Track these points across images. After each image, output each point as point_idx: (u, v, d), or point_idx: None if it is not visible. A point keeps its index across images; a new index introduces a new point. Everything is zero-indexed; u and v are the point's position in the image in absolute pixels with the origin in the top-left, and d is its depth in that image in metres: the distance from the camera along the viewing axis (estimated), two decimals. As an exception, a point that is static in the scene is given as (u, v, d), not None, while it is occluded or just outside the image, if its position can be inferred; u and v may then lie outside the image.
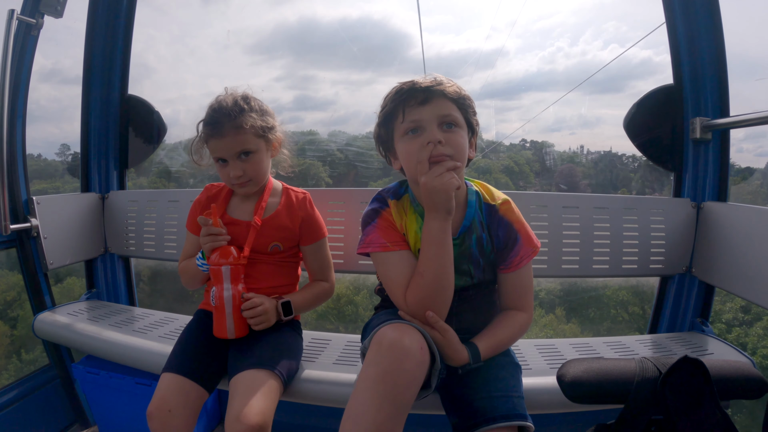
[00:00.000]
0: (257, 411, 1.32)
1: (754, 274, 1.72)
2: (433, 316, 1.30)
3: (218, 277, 1.58)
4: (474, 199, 1.45)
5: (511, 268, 1.43)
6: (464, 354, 1.33)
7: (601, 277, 2.09)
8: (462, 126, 1.38)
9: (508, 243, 1.43)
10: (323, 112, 12.89)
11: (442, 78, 1.39)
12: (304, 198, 1.79)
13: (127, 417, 2.10)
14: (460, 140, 1.35)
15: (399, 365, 1.15)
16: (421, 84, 1.37)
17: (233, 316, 1.56)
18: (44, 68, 2.82)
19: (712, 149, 2.13)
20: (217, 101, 1.65)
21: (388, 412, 1.12)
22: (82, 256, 2.49)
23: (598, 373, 1.05)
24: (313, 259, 1.80)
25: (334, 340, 1.96)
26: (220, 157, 1.63)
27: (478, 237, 1.43)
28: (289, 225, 1.73)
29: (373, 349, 1.19)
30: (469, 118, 1.42)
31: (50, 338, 2.18)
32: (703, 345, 1.87)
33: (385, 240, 1.40)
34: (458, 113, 1.38)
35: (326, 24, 9.29)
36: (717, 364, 1.07)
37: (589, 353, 1.83)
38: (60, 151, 3.57)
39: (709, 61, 2.10)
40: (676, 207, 2.09)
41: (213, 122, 1.60)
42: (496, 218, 1.44)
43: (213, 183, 1.84)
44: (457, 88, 1.39)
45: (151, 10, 2.90)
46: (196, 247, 1.74)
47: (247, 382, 1.41)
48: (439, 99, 1.36)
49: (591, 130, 5.55)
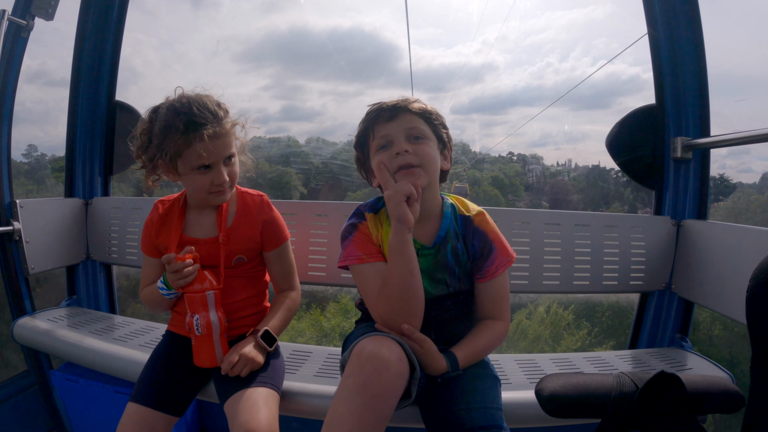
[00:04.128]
0: (266, 423, 1.32)
1: (732, 291, 1.75)
2: (408, 328, 1.32)
3: (199, 305, 1.49)
4: (450, 211, 1.49)
5: (487, 277, 1.45)
6: (443, 363, 1.34)
7: (582, 293, 2.11)
8: (430, 138, 1.45)
9: (483, 252, 1.46)
10: (310, 123, 13.01)
11: (408, 97, 1.48)
12: (261, 201, 1.67)
13: (105, 426, 2.07)
14: (427, 150, 1.42)
15: (378, 376, 1.16)
16: (387, 103, 1.46)
17: (221, 342, 1.51)
18: (30, 69, 2.81)
19: (693, 168, 2.16)
20: (186, 101, 1.48)
21: (368, 422, 1.12)
22: (64, 261, 2.46)
23: (576, 388, 1.06)
24: (277, 265, 1.70)
25: (315, 353, 1.96)
26: (205, 164, 1.48)
27: (453, 247, 1.46)
28: (250, 234, 1.62)
29: (352, 361, 1.20)
30: (437, 131, 1.48)
31: (29, 344, 2.15)
32: (683, 360, 1.90)
33: (361, 252, 1.43)
34: (425, 126, 1.45)
35: (316, 34, 9.41)
36: (694, 379, 1.09)
37: (569, 368, 1.84)
38: (27, 152, 3.54)
39: (690, 81, 2.14)
40: (656, 224, 2.12)
41: (201, 122, 1.44)
42: (471, 228, 1.47)
43: (161, 198, 1.70)
44: (422, 104, 1.47)
45: (140, 14, 2.91)
46: (156, 270, 1.64)
47: (244, 399, 1.38)
48: (404, 114, 1.44)
49: (576, 145, 5.66)
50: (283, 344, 1.84)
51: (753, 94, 40.78)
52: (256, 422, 1.31)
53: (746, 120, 1.79)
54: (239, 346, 1.51)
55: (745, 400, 1.01)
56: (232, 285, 1.62)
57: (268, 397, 1.42)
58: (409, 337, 1.32)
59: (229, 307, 1.59)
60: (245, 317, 1.66)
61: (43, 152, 7.91)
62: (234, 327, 1.61)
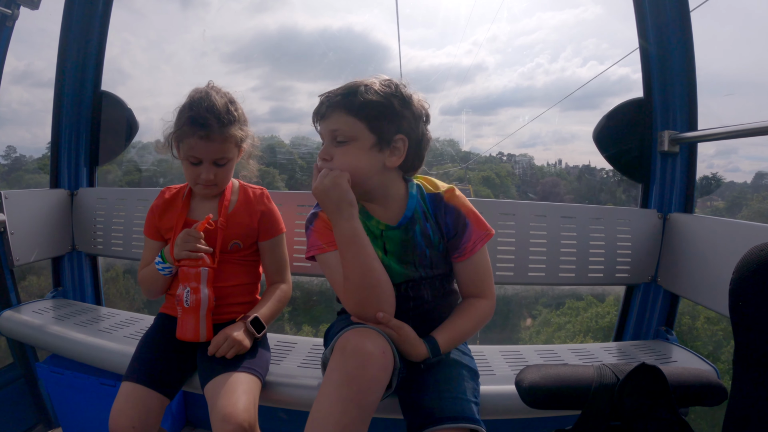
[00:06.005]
0: (243, 408, 1.32)
1: (717, 284, 1.76)
2: (384, 316, 1.30)
3: (192, 279, 1.54)
4: (415, 192, 1.43)
5: (465, 255, 1.40)
6: (423, 349, 1.33)
7: (568, 285, 2.12)
8: (356, 139, 1.34)
9: (458, 229, 1.40)
10: (299, 124, 13.00)
11: (354, 84, 1.35)
12: (261, 194, 1.76)
13: (92, 418, 2.06)
14: (345, 158, 1.34)
15: (362, 370, 1.15)
16: (325, 97, 1.38)
17: (206, 318, 1.55)
18: (17, 70, 2.79)
19: (680, 162, 2.17)
20: (205, 97, 1.58)
21: (353, 416, 1.12)
22: (49, 253, 2.44)
23: (556, 379, 1.06)
24: (271, 257, 1.76)
25: (300, 343, 1.96)
26: (196, 158, 1.58)
27: (422, 228, 1.41)
28: (247, 221, 1.70)
29: (336, 355, 1.20)
30: (377, 127, 1.33)
31: (14, 336, 2.13)
32: (668, 353, 1.91)
33: (321, 242, 1.40)
34: (358, 124, 1.33)
35: (306, 34, 9.36)
36: (676, 371, 1.09)
37: (554, 360, 1.85)
38: (6, 153, 3.50)
39: (678, 74, 2.14)
40: (642, 217, 2.13)
41: (201, 122, 1.53)
42: (441, 205, 1.41)
43: (168, 186, 1.79)
44: (365, 96, 1.32)
45: (128, 14, 2.90)
46: (155, 253, 1.69)
47: (225, 383, 1.40)
48: (334, 113, 1.35)
49: (565, 145, 5.68)
50: (269, 335, 1.83)
51: (743, 92, 41.25)
52: (233, 407, 1.32)
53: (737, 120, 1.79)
54: (228, 329, 1.55)
55: (728, 392, 1.02)
56: (225, 269, 1.66)
57: (249, 384, 1.43)
58: (385, 325, 1.30)
59: (220, 291, 1.63)
60: (236, 304, 1.69)
61: (22, 153, 7.87)
62: (224, 312, 1.65)
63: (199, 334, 1.54)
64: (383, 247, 1.41)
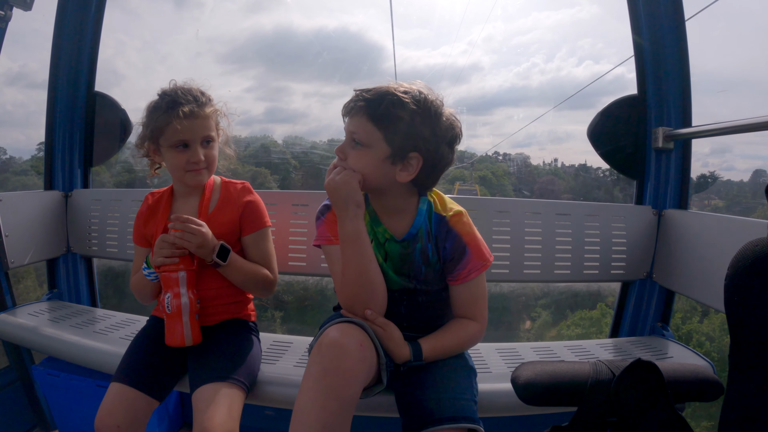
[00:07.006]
0: (220, 424, 1.32)
1: (712, 280, 1.76)
2: (371, 314, 1.33)
3: (172, 283, 1.53)
4: (425, 208, 1.43)
5: (458, 280, 1.42)
6: (406, 350, 1.34)
7: (563, 282, 2.12)
8: (371, 146, 1.33)
9: (455, 255, 1.41)
10: (295, 125, 12.95)
11: (389, 86, 1.33)
12: (243, 187, 1.72)
13: (88, 420, 2.04)
14: (357, 162, 1.35)
15: (338, 363, 1.17)
16: (354, 97, 1.36)
17: (190, 323, 1.54)
18: (11, 71, 2.78)
19: (674, 158, 2.18)
20: (176, 86, 1.61)
21: (333, 409, 1.13)
22: (44, 255, 2.43)
23: (552, 376, 1.06)
24: (255, 251, 1.69)
25: (296, 343, 1.96)
26: (182, 141, 1.56)
27: (422, 247, 1.41)
28: (230, 218, 1.66)
29: (315, 349, 1.22)
30: (393, 139, 1.31)
31: (10, 339, 2.12)
32: (664, 349, 1.91)
33: (329, 234, 1.44)
34: (376, 131, 1.32)
35: (301, 34, 9.32)
36: (672, 367, 1.09)
37: (550, 356, 1.85)
38: None
39: (672, 71, 2.15)
40: (637, 214, 2.13)
41: (182, 101, 1.55)
42: (444, 229, 1.41)
43: (152, 191, 1.77)
44: (384, 108, 1.30)
45: (122, 14, 2.88)
46: (144, 259, 1.67)
47: (208, 396, 1.39)
48: (357, 114, 1.34)
49: (560, 145, 5.68)
50: (264, 335, 1.83)
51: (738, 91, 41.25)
52: (210, 422, 1.32)
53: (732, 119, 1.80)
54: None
55: (724, 388, 1.02)
56: (211, 270, 1.62)
57: (233, 397, 1.42)
58: (372, 322, 1.33)
59: (207, 293, 1.63)
60: (222, 305, 1.68)
61: (13, 155, 7.79)
62: (212, 314, 1.65)
63: (184, 339, 1.53)
64: (384, 254, 1.42)
